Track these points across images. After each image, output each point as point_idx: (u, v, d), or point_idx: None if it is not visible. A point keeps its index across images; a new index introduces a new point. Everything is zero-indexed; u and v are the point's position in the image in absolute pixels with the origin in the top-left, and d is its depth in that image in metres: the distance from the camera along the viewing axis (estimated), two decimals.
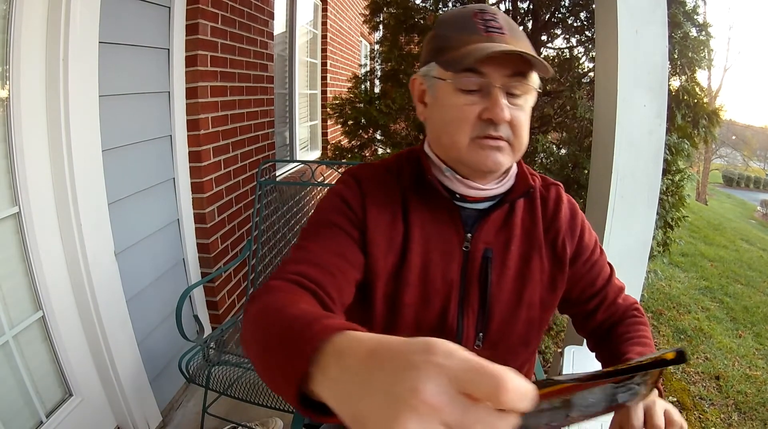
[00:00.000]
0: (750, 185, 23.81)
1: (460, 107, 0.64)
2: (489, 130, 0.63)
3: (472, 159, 0.65)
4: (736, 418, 2.14)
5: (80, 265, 1.36)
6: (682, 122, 2.23)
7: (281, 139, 3.45)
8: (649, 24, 1.46)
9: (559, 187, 0.79)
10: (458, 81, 0.63)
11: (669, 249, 2.46)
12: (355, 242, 0.67)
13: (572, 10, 2.69)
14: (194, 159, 1.93)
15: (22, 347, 1.26)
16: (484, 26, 0.63)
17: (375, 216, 0.69)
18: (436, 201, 0.71)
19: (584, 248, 0.77)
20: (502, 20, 0.64)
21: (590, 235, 0.78)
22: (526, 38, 0.66)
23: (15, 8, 1.15)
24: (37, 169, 1.26)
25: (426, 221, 0.70)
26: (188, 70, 1.87)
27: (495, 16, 0.64)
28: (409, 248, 0.69)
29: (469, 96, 0.63)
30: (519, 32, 0.65)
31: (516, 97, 0.64)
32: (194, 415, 1.75)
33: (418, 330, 0.71)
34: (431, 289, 0.70)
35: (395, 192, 0.72)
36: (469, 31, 0.63)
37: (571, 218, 0.76)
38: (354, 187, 0.71)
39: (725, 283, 4.18)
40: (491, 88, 0.62)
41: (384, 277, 0.69)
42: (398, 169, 0.74)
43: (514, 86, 0.63)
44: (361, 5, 5.13)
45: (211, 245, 2.04)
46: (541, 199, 0.76)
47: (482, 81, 0.62)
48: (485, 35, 0.62)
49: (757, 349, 2.94)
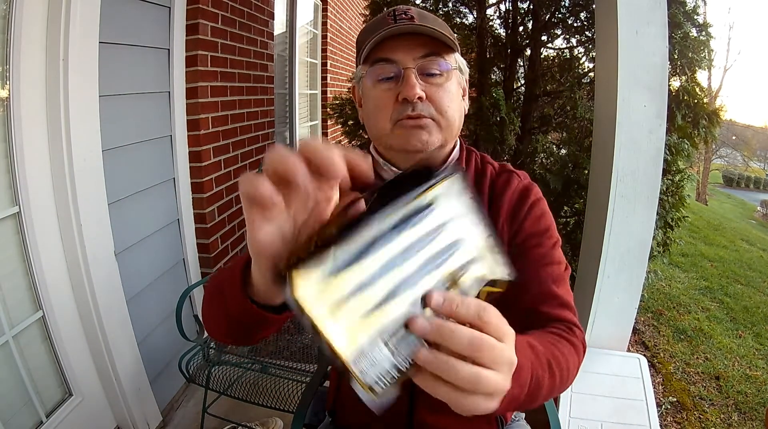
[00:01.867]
0: (750, 185, 23.80)
1: (378, 96, 0.68)
2: (407, 111, 0.66)
3: (397, 141, 0.68)
4: (736, 418, 2.14)
5: (80, 265, 1.36)
6: (682, 122, 2.23)
7: (281, 139, 3.45)
8: (649, 24, 1.47)
9: (514, 173, 0.76)
10: (374, 71, 0.67)
11: (669, 249, 2.45)
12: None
13: (572, 10, 2.69)
14: (194, 159, 1.94)
15: (22, 347, 1.26)
16: (393, 20, 0.66)
17: None
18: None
19: (523, 231, 0.71)
20: (414, 12, 0.67)
21: (537, 223, 0.72)
22: (439, 23, 0.68)
23: (15, 8, 1.15)
24: (37, 169, 1.26)
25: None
26: (188, 70, 1.87)
27: (407, 11, 0.67)
28: None
29: (385, 83, 0.67)
30: (431, 19, 0.67)
31: (434, 77, 0.67)
32: (194, 415, 1.75)
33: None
34: None
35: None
36: (380, 27, 0.66)
37: (517, 202, 0.73)
38: None
39: (725, 283, 4.18)
40: (402, 71, 0.65)
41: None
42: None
43: (428, 66, 0.66)
44: (361, 5, 5.13)
45: (211, 245, 2.04)
46: (490, 184, 0.75)
47: (394, 66, 0.66)
48: (393, 26, 0.65)
49: (757, 349, 2.93)
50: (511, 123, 2.40)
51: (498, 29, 2.91)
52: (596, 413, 1.42)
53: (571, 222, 2.50)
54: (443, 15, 2.82)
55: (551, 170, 2.29)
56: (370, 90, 0.69)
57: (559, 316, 0.67)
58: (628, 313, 1.69)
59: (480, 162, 0.78)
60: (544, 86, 2.83)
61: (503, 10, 2.83)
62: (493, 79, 2.85)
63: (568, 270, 0.74)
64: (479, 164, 0.78)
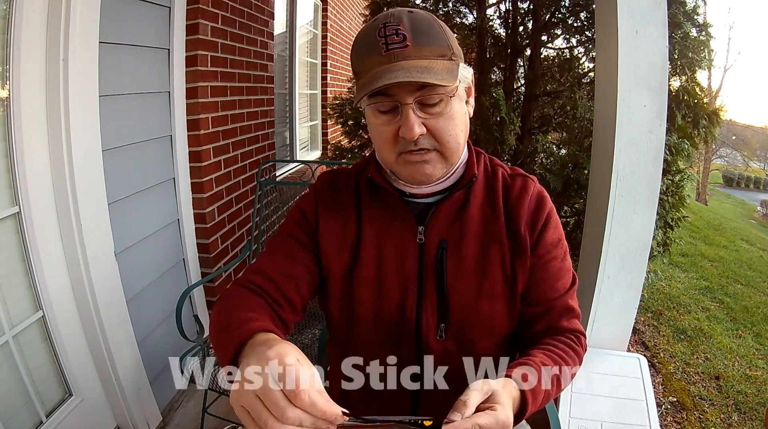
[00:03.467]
0: (750, 185, 23.80)
1: (380, 128, 0.67)
2: (410, 146, 0.66)
3: (402, 173, 0.70)
4: (736, 418, 2.14)
5: (80, 265, 1.36)
6: (682, 122, 2.23)
7: (281, 139, 3.45)
8: (649, 24, 1.46)
9: (528, 178, 0.77)
10: (373, 104, 0.66)
11: (669, 249, 2.46)
12: (307, 249, 0.75)
13: (572, 10, 2.69)
14: (194, 159, 1.93)
15: (22, 347, 1.26)
16: (384, 44, 0.62)
17: (327, 220, 0.75)
18: (388, 199, 0.74)
19: (542, 242, 0.73)
20: (406, 29, 0.62)
21: (554, 234, 0.74)
22: (434, 40, 0.64)
23: (15, 8, 1.15)
24: (37, 169, 1.26)
25: (379, 218, 0.74)
26: (188, 70, 1.87)
27: (397, 28, 0.62)
28: (362, 245, 0.73)
29: (385, 116, 0.66)
30: (425, 37, 0.63)
31: (432, 106, 0.64)
32: (194, 415, 1.75)
33: (377, 324, 0.73)
34: (386, 283, 0.72)
35: (350, 194, 0.77)
36: (372, 52, 0.63)
37: (535, 209, 0.74)
38: (311, 198, 0.78)
39: (725, 283, 4.17)
40: (401, 107, 0.64)
41: (339, 274, 0.74)
42: (359, 172, 0.79)
43: (427, 98, 0.63)
44: (361, 5, 5.13)
45: (211, 245, 2.04)
46: (504, 188, 0.75)
47: (392, 100, 0.64)
48: (385, 55, 0.62)
49: (757, 349, 2.93)
50: (511, 123, 2.40)
51: (498, 29, 2.92)
52: (596, 413, 1.42)
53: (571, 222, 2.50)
54: (443, 15, 2.82)
55: (551, 170, 2.29)
56: (372, 118, 0.68)
57: (572, 328, 0.74)
58: (628, 313, 1.69)
59: (489, 164, 0.78)
60: (544, 86, 2.83)
61: (503, 10, 2.83)
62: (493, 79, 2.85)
63: (576, 278, 0.78)
64: (489, 167, 0.78)
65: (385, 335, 0.73)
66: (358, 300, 0.72)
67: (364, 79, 0.64)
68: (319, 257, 0.75)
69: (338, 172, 0.81)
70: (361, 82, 0.65)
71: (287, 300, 0.71)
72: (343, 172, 0.81)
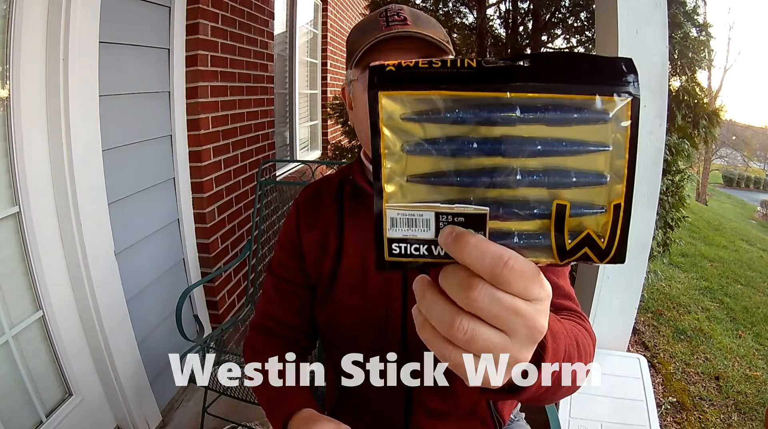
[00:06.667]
0: (750, 185, 23.78)
1: None
2: None
3: None
4: (736, 418, 2.14)
5: (80, 265, 1.36)
6: (682, 122, 2.23)
7: (281, 139, 3.45)
8: (649, 24, 1.47)
9: None
10: (365, 77, 0.64)
11: (669, 249, 2.46)
12: (297, 271, 0.77)
13: (572, 10, 2.69)
14: (194, 159, 1.93)
15: (22, 347, 1.26)
16: (385, 22, 0.63)
17: (308, 234, 0.76)
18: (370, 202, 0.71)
19: None
20: (406, 12, 0.65)
21: None
22: (434, 26, 0.66)
23: (15, 8, 1.15)
24: (37, 168, 1.26)
25: (362, 223, 0.72)
26: (188, 69, 1.87)
27: (399, 11, 0.64)
28: (344, 253, 0.73)
29: None
30: (426, 21, 0.65)
31: None
32: (194, 415, 1.75)
33: (361, 331, 0.71)
34: (370, 289, 0.70)
35: (331, 202, 0.76)
36: (371, 29, 0.64)
37: None
38: (292, 216, 0.79)
39: (725, 283, 4.17)
40: None
41: (323, 282, 0.74)
42: (343, 176, 0.78)
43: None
44: (361, 5, 5.13)
45: (211, 245, 2.04)
46: None
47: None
48: (385, 29, 0.62)
49: (757, 349, 2.93)
50: None
51: (498, 29, 2.92)
52: (596, 413, 1.42)
53: None
54: (443, 15, 2.82)
55: None
56: (361, 94, 0.66)
57: (563, 306, 0.66)
58: (628, 313, 1.69)
59: None
60: None
61: (503, 10, 2.83)
62: None
63: (568, 266, 0.74)
64: None
65: (372, 342, 0.71)
66: (342, 307, 0.72)
67: (360, 51, 0.63)
68: (306, 272, 0.76)
69: (322, 180, 0.81)
70: (357, 54, 0.64)
71: (300, 331, 0.78)
72: (326, 179, 0.80)
